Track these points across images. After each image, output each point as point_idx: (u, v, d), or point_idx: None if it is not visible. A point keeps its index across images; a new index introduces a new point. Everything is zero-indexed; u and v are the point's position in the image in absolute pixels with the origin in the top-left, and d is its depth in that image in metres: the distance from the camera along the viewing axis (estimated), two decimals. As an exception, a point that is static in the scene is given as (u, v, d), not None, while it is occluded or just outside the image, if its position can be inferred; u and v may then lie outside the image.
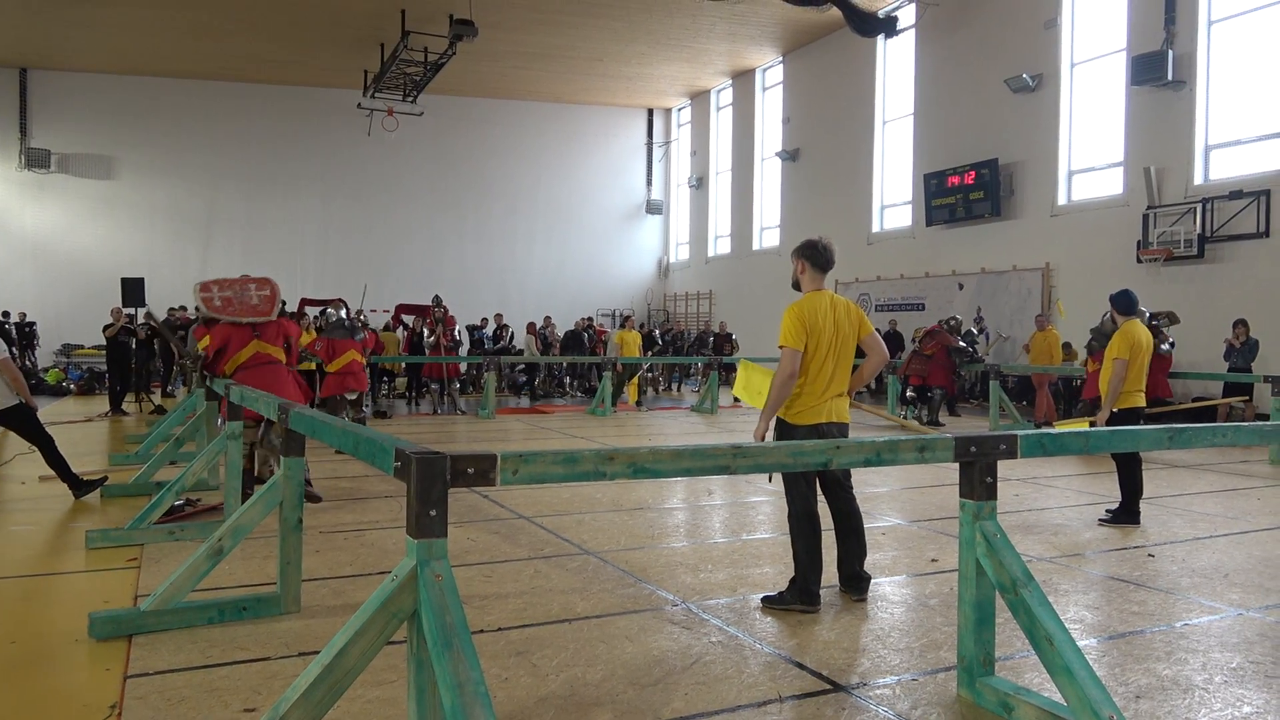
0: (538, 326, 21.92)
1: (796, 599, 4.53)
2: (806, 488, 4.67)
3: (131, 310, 16.47)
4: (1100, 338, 10.15)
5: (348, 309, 12.48)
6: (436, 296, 16.69)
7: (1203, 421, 11.64)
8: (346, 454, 3.30)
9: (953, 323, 14.29)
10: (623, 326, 17.99)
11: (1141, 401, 6.91)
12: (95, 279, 22.67)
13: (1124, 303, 7.03)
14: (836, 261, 4.89)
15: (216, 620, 4.24)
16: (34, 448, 7.36)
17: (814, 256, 4.77)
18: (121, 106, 24.55)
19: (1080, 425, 7.41)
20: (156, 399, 16.39)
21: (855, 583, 4.76)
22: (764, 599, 4.64)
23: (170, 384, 18.54)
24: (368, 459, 2.92)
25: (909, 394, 14.30)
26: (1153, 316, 10.50)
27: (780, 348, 4.67)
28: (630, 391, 17.13)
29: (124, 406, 15.24)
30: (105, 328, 15.59)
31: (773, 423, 4.73)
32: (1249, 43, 14.30)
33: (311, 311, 16.39)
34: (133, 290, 16.84)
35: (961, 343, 14.13)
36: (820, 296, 4.71)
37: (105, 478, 7.63)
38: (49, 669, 3.77)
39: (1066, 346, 15.13)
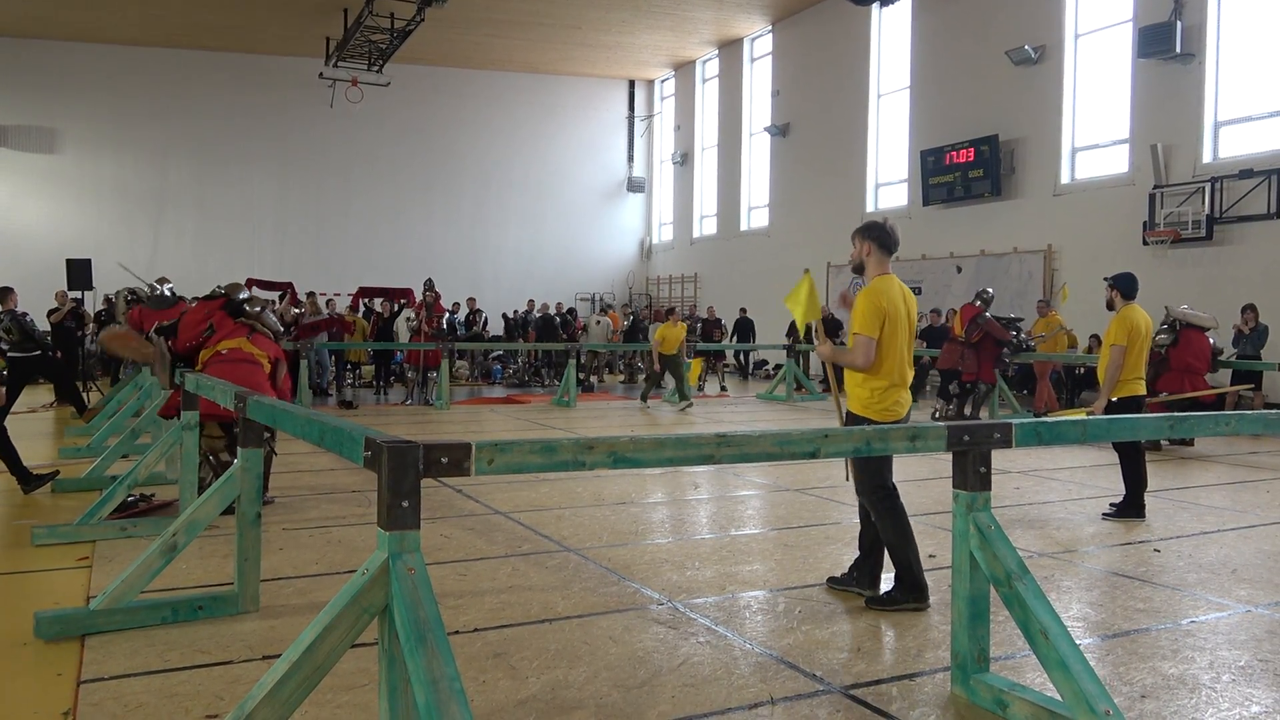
0: (529, 310, 21.66)
1: (909, 596, 4.48)
2: (881, 462, 4.53)
3: (78, 294, 16.32)
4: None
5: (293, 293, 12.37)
6: (429, 280, 16.54)
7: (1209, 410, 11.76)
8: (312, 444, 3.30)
9: (986, 295, 13.31)
10: (667, 319, 15.72)
11: (1141, 390, 6.99)
12: (37, 260, 22.38)
13: (1127, 285, 7.08)
14: (835, 242, 4.93)
15: (170, 620, 4.23)
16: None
17: (883, 238, 4.74)
18: (65, 75, 24.23)
19: (1078, 414, 7.49)
20: (103, 388, 16.25)
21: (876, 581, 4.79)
22: (868, 600, 4.58)
23: (121, 372, 18.36)
24: (335, 449, 2.91)
25: (952, 389, 13.37)
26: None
27: (854, 335, 4.56)
28: (690, 376, 15.79)
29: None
30: (50, 313, 15.44)
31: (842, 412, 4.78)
32: (1261, 14, 14.42)
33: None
34: (79, 272, 16.71)
35: (1009, 331, 13.09)
36: (891, 281, 4.69)
37: (57, 472, 7.58)
38: (-5, 673, 3.76)
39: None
